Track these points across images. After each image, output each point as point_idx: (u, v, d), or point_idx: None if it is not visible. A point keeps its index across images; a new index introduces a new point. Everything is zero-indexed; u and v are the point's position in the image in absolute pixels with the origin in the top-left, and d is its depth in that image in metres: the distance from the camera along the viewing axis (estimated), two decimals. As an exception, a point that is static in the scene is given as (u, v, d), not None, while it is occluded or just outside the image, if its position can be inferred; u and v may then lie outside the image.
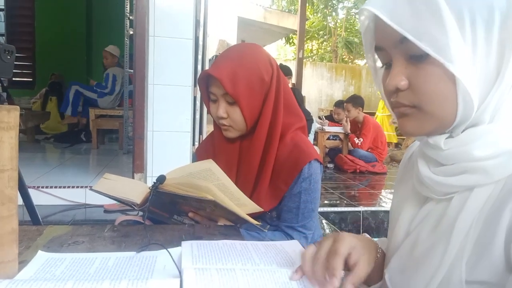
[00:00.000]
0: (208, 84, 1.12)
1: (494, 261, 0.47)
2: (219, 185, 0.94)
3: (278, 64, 1.10)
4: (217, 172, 0.96)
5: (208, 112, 1.19)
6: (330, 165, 5.03)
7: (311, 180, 1.10)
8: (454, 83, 0.50)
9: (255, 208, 1.00)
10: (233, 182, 0.98)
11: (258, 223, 0.96)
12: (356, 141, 4.90)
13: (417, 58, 0.52)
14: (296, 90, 4.70)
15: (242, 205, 0.98)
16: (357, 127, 5.12)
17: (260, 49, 1.15)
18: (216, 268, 0.63)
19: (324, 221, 2.77)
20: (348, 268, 0.60)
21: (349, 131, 4.99)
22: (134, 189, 1.01)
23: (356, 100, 5.12)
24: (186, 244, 0.74)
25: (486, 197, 0.51)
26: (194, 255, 0.69)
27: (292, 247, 0.80)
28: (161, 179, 0.95)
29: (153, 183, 0.95)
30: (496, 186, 0.51)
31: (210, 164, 0.96)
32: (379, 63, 0.62)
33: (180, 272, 0.62)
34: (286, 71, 5.90)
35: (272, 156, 1.11)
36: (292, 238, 1.12)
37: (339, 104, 5.57)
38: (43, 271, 0.62)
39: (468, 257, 0.50)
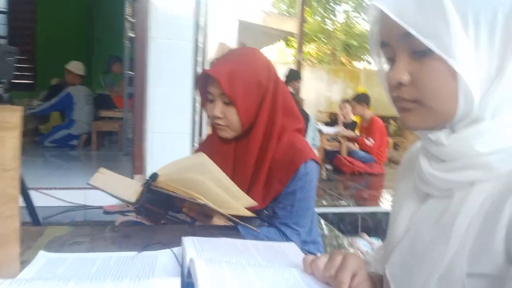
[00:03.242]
0: (207, 84, 1.14)
1: (494, 254, 0.48)
2: (212, 178, 0.96)
3: (289, 69, 1.12)
4: (209, 165, 0.97)
5: (205, 111, 1.20)
6: (329, 167, 5.03)
7: (307, 179, 1.11)
8: (455, 80, 0.51)
9: (249, 201, 1.02)
10: (226, 175, 0.99)
11: (250, 226, 0.97)
12: (367, 142, 4.85)
13: (420, 53, 0.53)
14: (292, 95, 4.70)
15: (236, 198, 0.99)
16: (363, 127, 5.13)
17: (259, 53, 1.18)
18: (224, 261, 0.63)
19: (322, 221, 2.77)
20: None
21: (345, 130, 5.01)
22: (128, 187, 1.03)
23: (360, 97, 5.14)
24: (187, 240, 0.73)
25: (487, 192, 0.52)
26: (198, 249, 0.68)
27: (291, 249, 0.81)
28: (153, 176, 0.96)
29: (145, 181, 0.96)
30: (496, 182, 0.52)
31: (201, 158, 0.97)
32: (383, 59, 0.63)
33: (182, 268, 0.62)
34: (295, 75, 5.95)
35: (269, 156, 1.12)
36: (285, 234, 1.14)
37: (344, 100, 5.63)
38: (44, 271, 0.63)
39: (469, 250, 0.51)
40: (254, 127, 1.13)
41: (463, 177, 0.54)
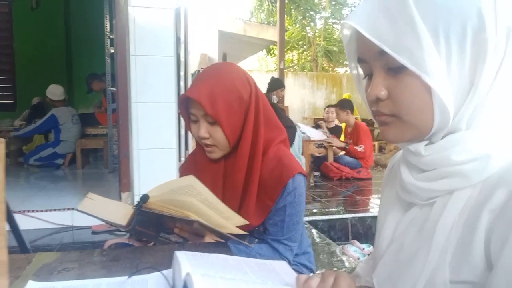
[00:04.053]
0: (188, 105, 1.14)
1: (475, 261, 0.50)
2: (202, 200, 0.96)
3: (271, 78, 1.12)
4: (198, 187, 0.97)
5: (191, 132, 1.20)
6: (316, 173, 5.06)
7: (296, 193, 1.12)
8: (430, 94, 0.54)
9: (241, 221, 1.02)
10: (216, 197, 0.99)
11: (243, 242, 0.97)
12: (359, 149, 4.88)
13: (396, 70, 0.56)
14: (274, 105, 4.73)
15: (227, 218, 1.00)
16: (348, 133, 5.18)
17: (236, 67, 1.18)
18: (219, 276, 0.63)
19: (314, 230, 2.78)
20: None
21: (336, 140, 5.05)
22: (118, 211, 1.02)
23: (343, 103, 5.20)
24: (180, 254, 0.72)
25: (465, 200, 0.54)
26: (192, 263, 0.68)
27: (283, 267, 0.82)
28: (144, 198, 0.96)
29: (136, 203, 0.96)
30: (474, 189, 0.54)
31: (191, 180, 0.97)
32: (362, 73, 0.65)
33: None
34: (279, 84, 6.00)
35: (257, 172, 1.12)
36: (278, 251, 1.14)
37: (330, 106, 5.74)
38: (34, 302, 0.62)
39: (450, 258, 0.52)
40: (240, 143, 1.13)
41: (442, 186, 0.56)
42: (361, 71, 0.65)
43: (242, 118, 1.12)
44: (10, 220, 1.59)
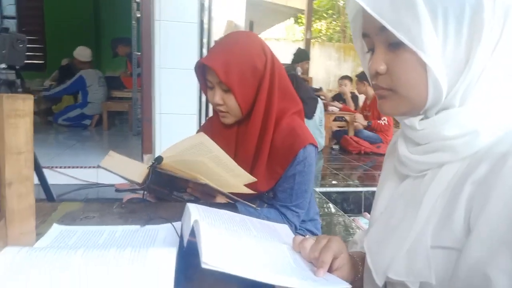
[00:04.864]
0: (205, 71, 1.17)
1: (455, 229, 0.54)
2: (212, 157, 1.01)
3: (297, 49, 1.13)
4: (209, 144, 1.02)
5: (207, 98, 1.25)
6: (336, 147, 5.05)
7: (306, 163, 1.16)
8: (425, 70, 0.56)
9: (249, 178, 1.07)
10: (226, 154, 1.03)
11: (251, 204, 1.03)
12: (382, 122, 4.77)
13: (395, 45, 0.58)
14: (296, 76, 4.67)
15: (237, 176, 1.05)
16: (366, 105, 5.10)
17: (253, 37, 1.20)
18: (224, 227, 0.70)
19: (331, 204, 2.81)
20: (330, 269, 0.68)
21: (352, 106, 4.99)
22: (136, 169, 1.09)
23: (361, 75, 5.09)
24: (191, 205, 0.78)
25: (453, 173, 0.57)
26: (201, 214, 0.74)
27: (284, 229, 0.88)
28: (158, 159, 1.02)
29: (151, 163, 1.03)
30: (462, 163, 0.57)
31: (201, 138, 1.02)
32: (366, 48, 0.67)
33: (181, 240, 0.69)
34: (304, 56, 5.92)
35: (268, 140, 1.16)
36: (286, 216, 1.20)
37: (344, 77, 5.64)
38: (57, 241, 0.70)
39: (433, 225, 0.56)
40: (253, 112, 1.16)
41: (433, 159, 0.60)
42: (365, 47, 0.67)
43: (255, 88, 1.15)
44: (39, 174, 1.72)
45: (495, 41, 0.53)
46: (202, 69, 1.18)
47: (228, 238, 0.66)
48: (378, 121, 4.81)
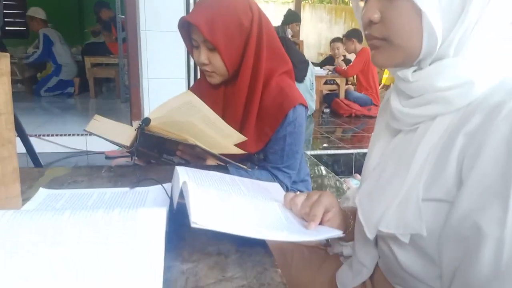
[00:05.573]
0: (190, 30, 1.13)
1: (447, 181, 0.53)
2: (201, 118, 0.99)
3: (287, 10, 1.09)
4: (197, 104, 0.99)
5: (192, 58, 1.21)
6: (326, 110, 5.04)
7: (296, 123, 1.14)
8: (420, 18, 0.54)
9: (240, 137, 1.06)
10: (214, 113, 1.01)
11: (242, 166, 1.02)
12: (343, 67, 4.88)
13: None
14: (286, 39, 4.58)
15: (227, 136, 1.03)
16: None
17: None
18: (214, 188, 0.70)
19: (322, 167, 2.83)
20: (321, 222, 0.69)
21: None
22: (123, 132, 1.07)
23: (348, 33, 5.03)
24: (180, 168, 0.77)
25: (446, 125, 0.56)
26: (190, 176, 0.74)
27: (274, 187, 0.88)
28: (146, 121, 1.00)
29: (138, 125, 1.00)
30: (455, 115, 0.56)
31: (190, 97, 1.00)
32: None
33: (171, 200, 0.68)
34: (294, 17, 5.77)
35: (256, 100, 1.14)
36: (277, 177, 1.19)
37: (336, 39, 5.54)
38: (44, 205, 0.69)
39: (425, 178, 0.56)
40: (240, 71, 1.13)
41: (426, 111, 0.58)
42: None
43: (242, 46, 1.11)
44: (25, 141, 1.68)
45: None
46: (187, 28, 1.14)
47: (217, 198, 0.65)
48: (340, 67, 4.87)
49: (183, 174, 0.71)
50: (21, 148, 1.58)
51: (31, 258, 0.45)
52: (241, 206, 0.66)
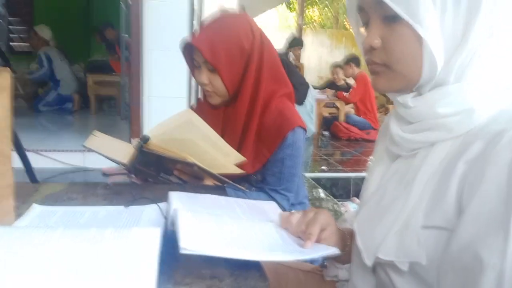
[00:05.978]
0: (192, 51, 1.14)
1: (447, 208, 0.52)
2: (201, 136, 0.98)
3: (292, 36, 1.10)
4: (197, 122, 0.99)
5: (194, 78, 1.22)
6: (326, 133, 5.06)
7: (294, 146, 1.14)
8: (421, 44, 0.55)
9: (238, 157, 1.05)
10: (214, 131, 1.01)
11: (240, 186, 1.01)
12: (345, 94, 4.96)
13: (391, 19, 0.56)
14: (287, 62, 4.65)
15: (225, 154, 1.03)
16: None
17: (241, 17, 1.16)
18: (206, 212, 0.69)
19: (320, 190, 2.82)
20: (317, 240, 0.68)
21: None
22: (121, 149, 1.06)
23: (347, 58, 5.13)
24: (173, 193, 0.78)
25: (445, 151, 0.56)
26: (183, 201, 0.73)
27: (271, 207, 0.87)
28: (145, 139, 0.99)
29: (137, 143, 1.00)
30: (455, 141, 0.55)
31: (190, 115, 0.99)
32: (360, 23, 0.65)
33: (166, 220, 0.67)
34: (296, 42, 5.90)
35: (255, 121, 1.14)
36: (275, 199, 1.18)
37: (335, 65, 5.66)
38: (37, 221, 0.68)
39: (425, 205, 0.55)
40: (240, 92, 1.14)
41: (426, 137, 0.58)
42: (360, 22, 0.65)
43: (242, 68, 1.12)
44: (22, 156, 1.67)
45: (493, 16, 0.52)
46: (189, 49, 1.15)
47: (207, 223, 0.64)
48: (344, 93, 4.89)
49: (176, 200, 0.70)
50: (18, 163, 1.58)
51: (21, 273, 0.44)
52: (234, 229, 0.65)
